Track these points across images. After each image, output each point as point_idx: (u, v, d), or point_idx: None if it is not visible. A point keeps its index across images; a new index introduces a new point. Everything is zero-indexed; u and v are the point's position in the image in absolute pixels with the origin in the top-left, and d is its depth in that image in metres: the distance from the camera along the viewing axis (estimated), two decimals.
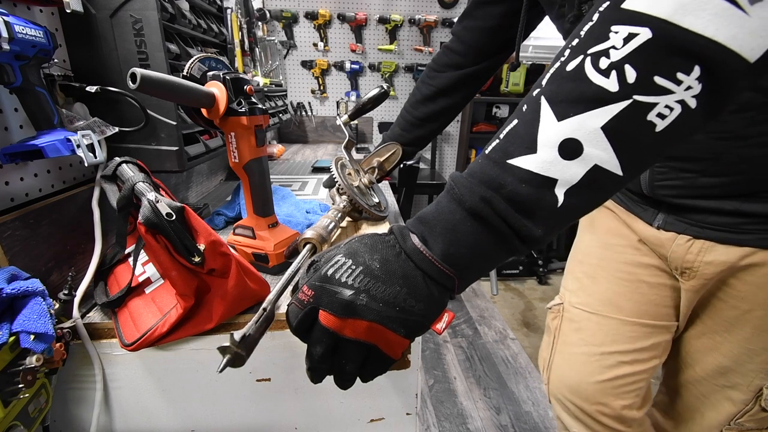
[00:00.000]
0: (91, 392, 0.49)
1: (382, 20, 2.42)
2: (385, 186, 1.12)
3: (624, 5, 0.27)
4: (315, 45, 2.45)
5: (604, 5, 0.28)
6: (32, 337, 0.37)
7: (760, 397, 0.55)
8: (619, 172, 0.28)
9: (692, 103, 0.26)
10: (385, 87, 0.77)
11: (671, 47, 0.25)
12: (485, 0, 0.75)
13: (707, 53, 0.25)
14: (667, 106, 0.26)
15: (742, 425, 0.58)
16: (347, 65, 2.49)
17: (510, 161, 0.29)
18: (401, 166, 1.65)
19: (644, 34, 0.26)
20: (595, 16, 0.28)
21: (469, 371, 1.67)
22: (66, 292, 0.48)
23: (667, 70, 0.26)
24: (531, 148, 0.29)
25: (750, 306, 0.53)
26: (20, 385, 0.36)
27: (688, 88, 0.26)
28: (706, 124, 0.28)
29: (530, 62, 2.53)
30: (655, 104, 0.26)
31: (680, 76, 0.25)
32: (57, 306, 0.44)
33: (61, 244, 0.55)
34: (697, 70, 0.25)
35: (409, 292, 0.31)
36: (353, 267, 0.31)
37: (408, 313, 0.31)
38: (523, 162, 0.29)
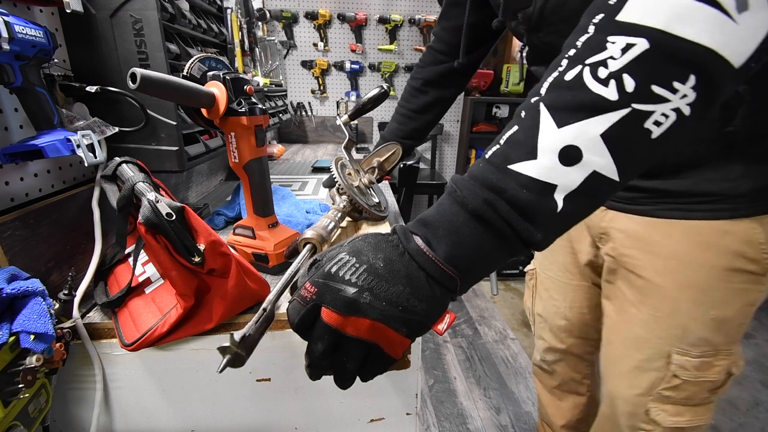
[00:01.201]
0: (91, 392, 0.49)
1: (382, 20, 2.42)
2: (385, 186, 1.12)
3: (619, 18, 0.28)
4: (315, 45, 2.45)
5: (599, 17, 0.29)
6: (32, 337, 0.37)
7: (670, 365, 0.60)
8: (616, 178, 0.29)
9: (686, 111, 0.27)
10: (385, 87, 0.77)
11: (668, 56, 0.26)
12: (456, 2, 0.81)
13: (703, 61, 0.26)
14: (663, 114, 0.27)
15: (661, 394, 0.62)
16: (347, 65, 2.48)
17: (511, 166, 0.30)
18: (401, 165, 1.65)
19: (641, 44, 0.27)
20: (591, 28, 0.29)
21: (469, 371, 1.67)
22: (66, 292, 0.48)
23: (665, 79, 0.27)
24: (531, 153, 0.29)
25: (650, 274, 0.59)
26: (20, 385, 0.36)
27: (684, 96, 0.27)
28: (695, 129, 0.29)
29: None
30: (652, 112, 0.27)
31: (676, 84, 0.26)
32: (57, 306, 0.44)
33: (61, 244, 0.55)
34: (692, 79, 0.26)
35: (412, 292, 0.31)
36: (357, 265, 0.31)
37: (411, 312, 0.31)
38: (523, 167, 0.29)
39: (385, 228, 0.76)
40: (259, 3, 1.83)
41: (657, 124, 0.27)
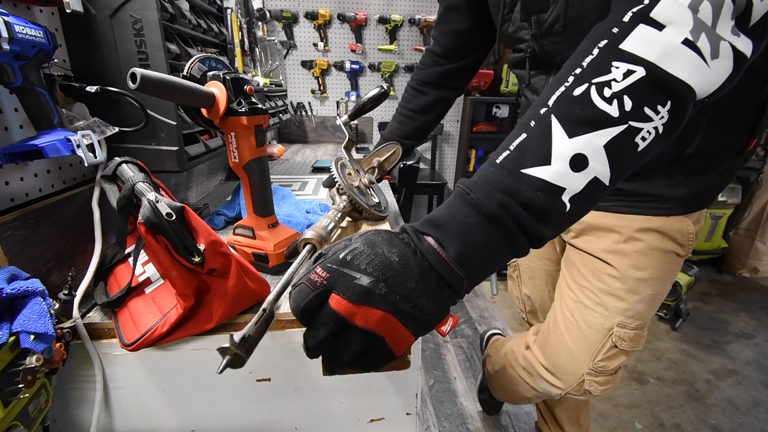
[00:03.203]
0: (91, 392, 0.49)
1: (382, 20, 2.41)
2: (385, 186, 1.12)
3: (622, 46, 0.33)
4: (315, 45, 2.45)
5: (603, 42, 0.34)
6: (32, 337, 0.37)
7: (611, 336, 0.70)
8: (607, 183, 0.33)
9: (661, 130, 0.33)
10: (385, 87, 0.77)
11: (657, 84, 0.32)
12: (453, 6, 0.84)
13: (680, 91, 0.32)
14: (647, 131, 0.32)
15: (596, 366, 0.72)
16: (347, 65, 2.48)
17: (524, 170, 0.32)
18: (401, 165, 1.65)
19: (639, 72, 0.32)
20: (595, 51, 0.34)
21: (469, 371, 1.67)
22: (66, 292, 0.48)
23: (652, 103, 0.32)
24: (545, 159, 0.32)
25: (602, 255, 0.69)
26: (20, 385, 0.36)
27: (662, 117, 0.32)
28: (661, 147, 0.34)
29: None
30: (641, 129, 0.32)
31: (659, 108, 0.32)
32: (57, 306, 0.44)
33: (61, 244, 0.55)
34: (669, 104, 0.32)
35: (423, 290, 0.31)
36: (372, 256, 0.32)
37: (420, 310, 0.31)
38: (537, 172, 0.32)
39: (385, 228, 0.76)
40: (259, 3, 1.83)
41: (643, 139, 0.32)
